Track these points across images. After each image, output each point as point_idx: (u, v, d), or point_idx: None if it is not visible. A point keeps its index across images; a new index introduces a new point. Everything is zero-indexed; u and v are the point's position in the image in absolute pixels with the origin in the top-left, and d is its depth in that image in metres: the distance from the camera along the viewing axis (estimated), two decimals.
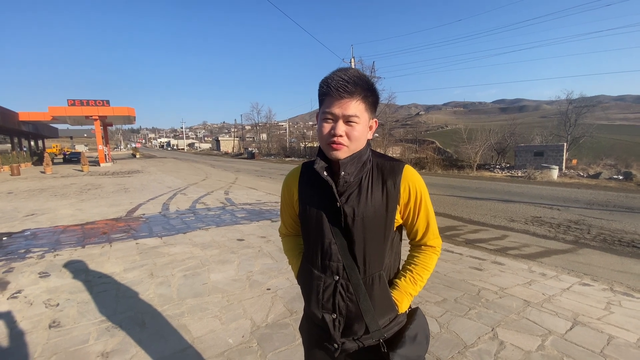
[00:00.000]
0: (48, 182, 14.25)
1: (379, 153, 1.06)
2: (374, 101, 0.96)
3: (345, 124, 0.92)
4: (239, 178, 15.57)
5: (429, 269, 1.06)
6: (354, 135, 0.93)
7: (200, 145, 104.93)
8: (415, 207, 1.01)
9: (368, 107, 0.95)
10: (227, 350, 2.26)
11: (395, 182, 0.98)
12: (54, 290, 3.25)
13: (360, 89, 0.91)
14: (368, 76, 0.96)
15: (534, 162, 18.79)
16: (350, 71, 0.92)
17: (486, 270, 3.80)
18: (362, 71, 6.38)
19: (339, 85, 0.89)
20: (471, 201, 9.16)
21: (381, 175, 0.99)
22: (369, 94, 0.93)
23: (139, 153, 50.34)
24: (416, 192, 0.99)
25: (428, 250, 1.07)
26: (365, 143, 0.99)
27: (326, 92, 0.92)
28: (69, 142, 76.27)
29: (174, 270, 3.75)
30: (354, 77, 0.90)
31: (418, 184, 1.00)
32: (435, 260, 1.08)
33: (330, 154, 0.95)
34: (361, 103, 0.92)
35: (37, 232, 5.53)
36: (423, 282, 1.05)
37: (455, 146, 28.83)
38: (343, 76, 0.90)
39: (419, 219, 1.02)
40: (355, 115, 0.91)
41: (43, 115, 25.99)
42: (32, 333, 2.50)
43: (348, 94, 0.89)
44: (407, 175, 0.99)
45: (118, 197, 9.37)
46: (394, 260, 1.07)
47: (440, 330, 2.50)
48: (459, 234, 5.70)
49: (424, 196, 1.01)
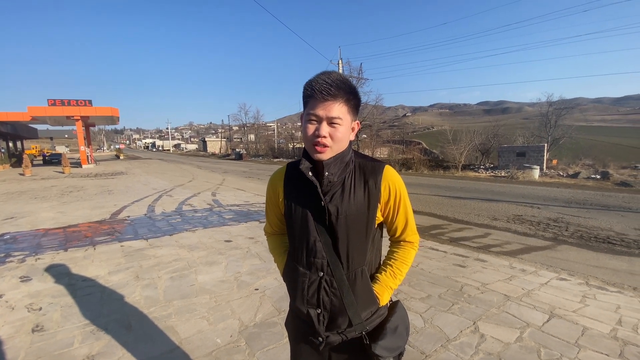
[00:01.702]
0: (27, 184, 13.79)
1: (361, 154, 1.12)
2: (357, 104, 1.01)
3: (328, 125, 0.96)
4: (227, 179, 15.44)
5: (407, 263, 1.13)
6: (337, 136, 0.96)
7: (186, 146, 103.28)
8: (395, 205, 1.06)
9: (350, 110, 0.99)
10: (215, 350, 2.27)
11: (376, 181, 1.02)
12: (36, 294, 3.18)
13: (343, 92, 0.94)
14: (350, 79, 1.03)
15: (517, 163, 19.34)
16: (333, 74, 0.96)
17: (469, 267, 3.92)
18: (351, 72, 6.40)
19: (322, 88, 0.93)
20: (456, 200, 9.37)
21: (363, 175, 1.03)
22: (352, 97, 0.97)
23: (123, 154, 49.19)
24: (396, 191, 1.04)
25: (407, 246, 1.13)
26: (347, 144, 1.03)
27: (310, 94, 0.95)
28: (49, 143, 73.92)
29: (161, 272, 3.72)
30: (337, 81, 0.94)
31: (398, 184, 1.05)
32: (413, 255, 1.14)
33: (314, 155, 0.99)
34: (344, 105, 0.96)
35: (17, 236, 5.37)
36: (402, 276, 1.12)
37: (441, 147, 29.38)
38: (327, 79, 0.93)
39: (398, 216, 1.08)
40: (339, 117, 0.95)
41: (22, 116, 25.09)
42: (14, 337, 2.45)
43: (331, 96, 0.93)
44: (388, 175, 1.04)
45: (101, 200, 9.16)
46: (375, 256, 1.12)
47: (424, 325, 2.58)
48: (443, 232, 5.83)
49: (403, 195, 1.06)
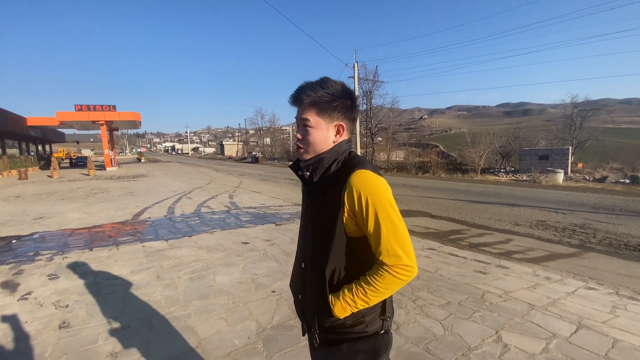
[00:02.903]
0: (55, 186, 14.44)
1: (355, 156, 1.05)
2: (333, 105, 1.01)
3: (302, 129, 1.04)
4: (243, 182, 15.66)
5: (376, 287, 0.95)
6: (308, 139, 1.03)
7: (204, 149, 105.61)
8: (362, 215, 0.95)
9: (323, 112, 1.01)
10: (234, 351, 2.29)
11: (340, 187, 0.97)
12: (63, 291, 3.31)
13: (305, 96, 1.00)
14: (331, 83, 1.02)
15: (539, 166, 18.69)
16: (308, 83, 1.03)
17: (490, 273, 3.81)
18: (366, 75, 6.35)
19: (292, 95, 1.04)
20: (475, 205, 9.14)
21: (337, 179, 1.00)
22: (323, 100, 1.00)
23: (144, 157, 50.80)
24: (361, 198, 0.93)
25: (380, 267, 0.95)
26: (329, 146, 1.04)
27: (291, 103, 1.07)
28: (75, 146, 77.24)
29: (180, 272, 3.80)
30: (302, 85, 1.03)
31: (364, 190, 0.93)
32: (389, 281, 0.94)
33: (299, 156, 1.09)
34: (311, 108, 1.01)
35: (45, 235, 5.62)
36: (367, 298, 0.97)
37: (459, 150, 28.79)
38: (299, 87, 1.03)
39: (367, 228, 0.95)
40: (306, 119, 1.02)
41: (51, 120, 26.42)
42: (42, 333, 2.55)
43: (295, 101, 1.04)
44: (354, 180, 0.95)
45: (124, 201, 9.48)
46: (352, 267, 1.02)
47: (444, 333, 2.51)
48: (463, 237, 5.69)
49: (371, 204, 0.93)
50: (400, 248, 0.94)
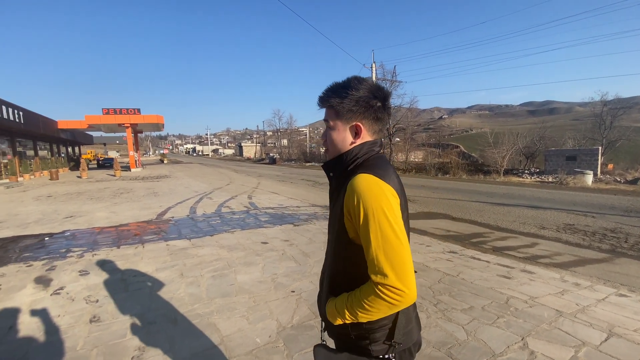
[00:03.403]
0: (84, 186, 15.13)
1: (373, 160, 0.99)
2: (348, 107, 0.99)
3: (326, 130, 1.06)
4: (261, 183, 15.86)
5: (364, 303, 0.87)
6: (328, 140, 1.06)
7: (223, 151, 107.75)
8: (357, 222, 0.89)
9: (341, 113, 1.01)
10: (255, 349, 2.33)
11: (344, 190, 0.94)
12: (93, 287, 3.47)
13: (327, 97, 1.02)
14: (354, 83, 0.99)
15: (566, 167, 17.91)
16: (333, 84, 1.05)
17: (515, 278, 3.69)
18: (384, 75, 6.29)
19: (319, 97, 1.06)
20: (498, 207, 8.88)
21: (346, 181, 0.96)
22: (340, 101, 1.00)
23: (167, 159, 52.39)
24: (354, 202, 0.88)
25: (369, 282, 0.87)
26: (346, 147, 1.02)
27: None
28: (102, 148, 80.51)
29: (203, 270, 3.90)
30: (328, 87, 1.04)
31: (360, 194, 0.87)
32: (373, 300, 0.84)
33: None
34: (331, 109, 1.03)
35: (76, 233, 5.91)
36: (354, 312, 0.90)
37: (480, 150, 28.02)
38: (326, 88, 1.05)
39: (361, 238, 0.88)
40: (327, 120, 1.04)
41: (80, 124, 27.69)
42: (74, 327, 2.68)
43: (320, 102, 1.06)
44: (354, 184, 0.90)
45: (148, 201, 9.82)
46: (356, 274, 0.96)
47: (467, 338, 2.46)
48: (485, 241, 5.54)
49: (363, 211, 0.86)
50: (388, 265, 0.82)
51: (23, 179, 19.40)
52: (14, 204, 9.81)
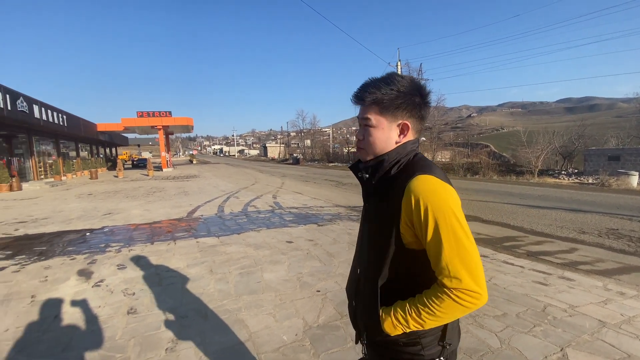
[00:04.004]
0: (120, 185, 16.00)
1: (419, 160, 0.96)
2: (396, 103, 0.93)
3: (363, 128, 0.98)
4: (285, 183, 16.05)
5: (433, 310, 0.84)
6: (368, 139, 0.97)
7: (249, 151, 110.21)
8: (421, 227, 0.84)
9: (386, 110, 0.93)
10: (282, 347, 2.36)
11: (399, 193, 0.87)
12: (130, 280, 3.65)
13: (368, 93, 0.94)
14: (397, 78, 0.94)
15: (608, 168, 16.71)
16: (372, 79, 0.97)
17: (552, 285, 3.49)
18: (410, 73, 6.22)
19: (354, 94, 0.98)
20: (533, 210, 8.44)
21: (396, 184, 0.91)
22: (386, 97, 0.92)
23: (196, 159, 54.31)
24: (419, 207, 0.83)
25: (439, 288, 0.84)
26: (390, 147, 0.96)
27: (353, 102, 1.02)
28: (136, 149, 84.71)
29: (231, 267, 4.01)
30: (367, 82, 0.97)
31: (426, 198, 0.82)
32: (448, 305, 0.82)
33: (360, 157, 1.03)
34: (372, 106, 0.95)
35: (114, 229, 6.26)
36: (422, 320, 0.86)
37: (512, 150, 26.81)
38: (362, 85, 0.98)
39: (427, 243, 0.84)
40: (367, 118, 0.95)
41: (116, 126, 29.31)
42: (113, 318, 2.84)
43: (359, 99, 0.97)
44: (414, 187, 0.85)
45: (179, 200, 10.22)
46: (408, 281, 0.94)
47: (500, 346, 2.36)
48: (519, 245, 5.28)
49: (432, 214, 0.82)
50: (464, 269, 0.80)
51: (66, 178, 20.84)
52: (58, 201, 10.56)
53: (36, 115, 15.82)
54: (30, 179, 17.96)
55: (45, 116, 16.86)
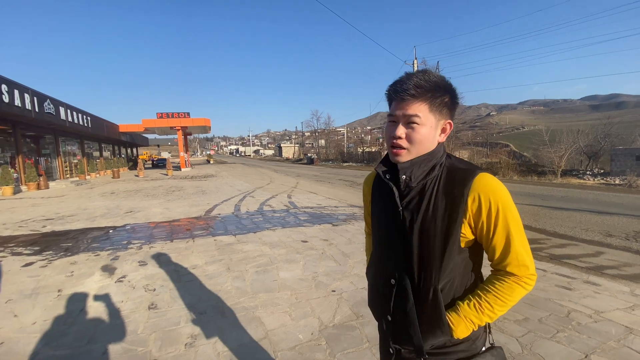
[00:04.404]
0: (141, 184, 16.49)
1: (457, 158, 0.98)
2: (444, 101, 0.91)
3: (406, 126, 0.90)
4: (300, 183, 16.13)
5: (504, 300, 0.89)
6: (415, 137, 0.90)
7: (264, 151, 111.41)
8: (489, 222, 0.87)
9: (435, 108, 0.90)
10: (298, 346, 2.38)
11: (462, 191, 0.87)
12: (150, 277, 3.77)
13: (421, 90, 0.88)
14: (438, 74, 0.92)
15: (636, 168, 15.97)
16: (417, 73, 0.91)
17: (577, 290, 3.36)
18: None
19: (398, 88, 0.90)
20: (556, 211, 8.15)
21: (449, 183, 0.90)
22: (437, 94, 0.89)
23: (213, 159, 55.33)
24: (489, 204, 0.86)
25: (507, 279, 0.89)
26: (434, 146, 0.94)
27: (390, 96, 0.94)
28: (156, 149, 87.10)
29: (247, 266, 4.07)
30: (415, 78, 0.89)
31: (494, 196, 0.86)
32: (517, 292, 0.89)
33: (391, 157, 0.95)
34: (423, 104, 0.89)
35: (135, 227, 6.46)
36: (494, 314, 0.90)
37: (534, 149, 25.98)
38: (405, 79, 0.91)
39: (494, 237, 0.88)
40: (416, 115, 0.88)
41: (137, 127, 30.22)
42: (135, 312, 2.93)
43: (408, 95, 0.88)
44: (479, 184, 0.87)
45: (197, 199, 10.45)
46: (461, 280, 0.94)
47: (522, 351, 2.29)
48: (541, 247, 5.12)
49: (502, 211, 0.86)
50: (528, 257, 0.88)
51: (90, 177, 21.66)
52: (83, 199, 10.99)
53: (62, 117, 16.52)
54: (57, 177, 18.79)
55: (70, 118, 17.59)
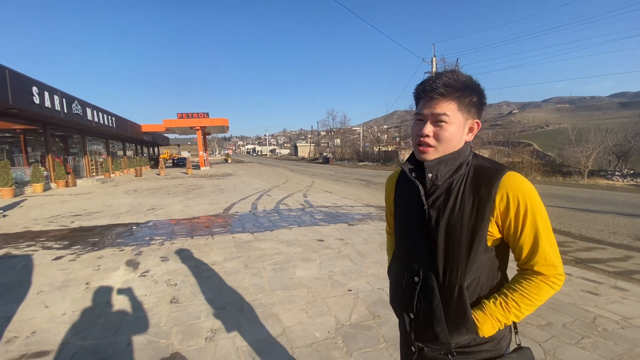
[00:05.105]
0: (162, 182, 16.99)
1: (484, 157, 0.98)
2: (472, 101, 0.92)
3: (433, 124, 0.92)
4: (315, 182, 16.17)
5: (531, 299, 0.89)
6: (443, 136, 0.91)
7: (280, 151, 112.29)
8: (517, 221, 0.88)
9: (463, 107, 0.91)
10: (315, 343, 2.40)
11: (490, 190, 0.88)
12: (172, 272, 3.89)
13: (450, 89, 0.89)
14: (466, 74, 0.93)
15: None
16: (447, 73, 0.92)
17: (603, 295, 3.23)
18: (445, 69, 6.01)
19: (427, 87, 0.92)
20: (582, 213, 7.83)
21: (476, 181, 0.91)
22: (465, 94, 0.90)
23: (230, 158, 56.27)
24: (517, 203, 0.86)
25: (534, 278, 0.89)
26: (461, 145, 0.94)
27: (418, 95, 0.95)
28: (176, 149, 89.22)
29: (265, 263, 4.13)
30: (444, 77, 0.90)
31: (522, 194, 0.87)
32: (545, 292, 0.89)
33: (417, 155, 0.96)
34: (452, 103, 0.90)
35: (157, 224, 6.67)
36: (521, 313, 0.90)
37: (559, 149, 25.01)
38: (434, 78, 0.92)
39: (522, 236, 0.88)
40: (444, 114, 0.89)
41: (158, 127, 31.10)
42: (158, 306, 3.04)
43: (437, 94, 0.90)
44: (507, 183, 0.87)
45: (216, 197, 10.68)
46: (486, 277, 0.95)
47: (544, 357, 2.23)
48: (566, 251, 4.94)
49: (530, 209, 0.87)
50: (555, 257, 0.89)
51: (114, 175, 22.50)
52: (107, 197, 11.44)
53: (89, 118, 17.23)
54: (84, 175, 19.63)
55: (96, 118, 18.31)
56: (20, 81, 11.37)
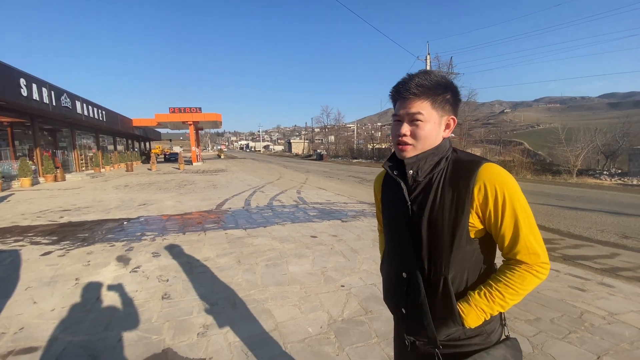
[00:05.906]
0: (154, 177, 16.79)
1: (462, 152, 1.00)
2: (446, 98, 0.95)
3: (410, 123, 0.95)
4: (309, 178, 16.15)
5: (515, 289, 0.90)
6: (419, 134, 0.94)
7: (274, 147, 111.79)
8: (496, 211, 0.88)
9: (437, 105, 0.94)
10: (308, 338, 2.41)
11: (467, 182, 0.90)
12: (164, 268, 3.86)
13: (423, 88, 0.92)
14: (439, 73, 0.96)
15: None
16: (419, 73, 0.95)
17: (590, 291, 3.31)
18: (439, 67, 6.04)
19: (400, 88, 0.95)
20: (570, 212, 7.98)
21: (455, 175, 0.93)
22: (438, 92, 0.93)
23: (223, 154, 55.81)
24: (495, 193, 0.87)
25: (518, 267, 0.90)
26: (438, 141, 0.97)
27: (394, 97, 0.99)
28: (168, 144, 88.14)
29: (258, 259, 4.12)
30: (416, 78, 0.93)
31: (500, 185, 0.87)
32: (529, 281, 0.90)
33: (398, 154, 1.00)
34: (425, 101, 0.93)
35: (148, 219, 6.60)
36: (505, 303, 0.91)
37: (549, 148, 25.36)
38: (407, 79, 0.95)
39: (502, 225, 0.89)
40: (419, 112, 0.92)
41: (150, 121, 30.65)
42: (149, 302, 3.01)
43: (410, 94, 0.93)
44: (484, 174, 0.89)
45: (208, 193, 10.59)
46: (472, 271, 0.96)
47: (532, 351, 2.28)
48: (555, 248, 5.03)
49: (509, 199, 0.87)
50: (538, 245, 0.89)
51: (104, 170, 22.16)
52: (97, 191, 11.27)
53: (78, 111, 16.90)
54: (73, 170, 19.28)
55: (86, 111, 17.98)
56: (7, 73, 11.08)
